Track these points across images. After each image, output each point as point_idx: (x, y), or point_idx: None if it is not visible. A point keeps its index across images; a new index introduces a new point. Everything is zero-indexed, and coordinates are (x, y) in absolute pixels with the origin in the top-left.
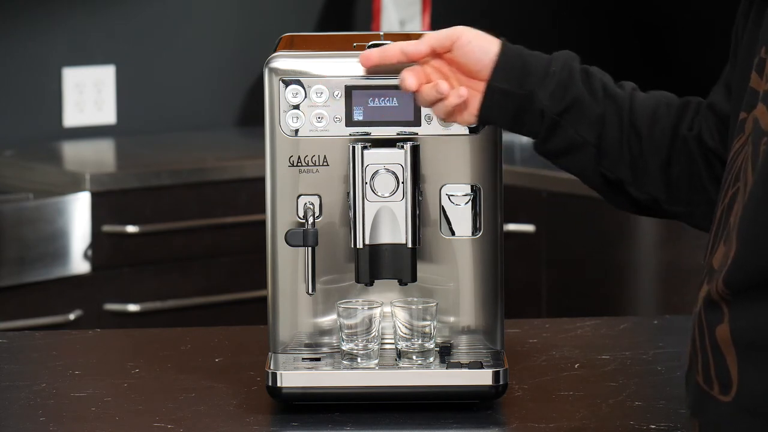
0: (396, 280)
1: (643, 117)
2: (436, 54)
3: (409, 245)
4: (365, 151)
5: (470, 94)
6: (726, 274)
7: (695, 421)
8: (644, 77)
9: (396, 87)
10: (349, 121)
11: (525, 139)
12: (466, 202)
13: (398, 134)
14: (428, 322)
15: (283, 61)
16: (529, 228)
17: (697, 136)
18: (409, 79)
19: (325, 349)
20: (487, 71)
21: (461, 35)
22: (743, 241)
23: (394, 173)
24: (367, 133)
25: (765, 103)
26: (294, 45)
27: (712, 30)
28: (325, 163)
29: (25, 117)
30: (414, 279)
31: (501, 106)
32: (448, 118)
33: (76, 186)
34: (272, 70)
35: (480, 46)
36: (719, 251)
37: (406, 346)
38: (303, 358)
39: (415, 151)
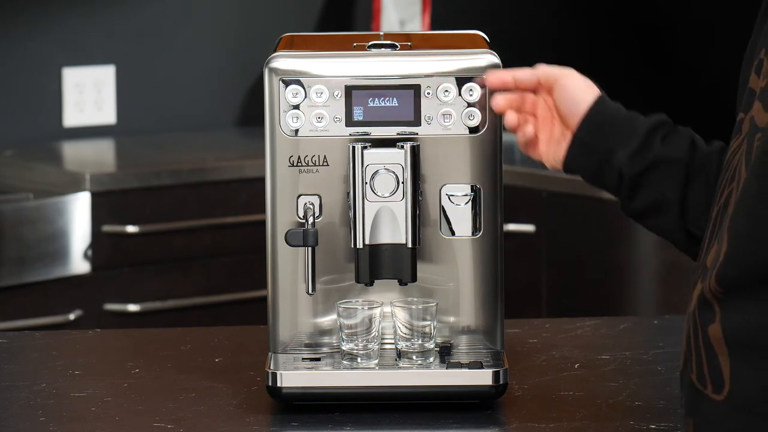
0: (396, 280)
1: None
2: (541, 85)
3: (409, 245)
4: (365, 151)
5: (562, 139)
6: (718, 271)
7: (690, 420)
8: (644, 77)
9: (396, 87)
10: (349, 121)
11: None
12: (466, 202)
13: (398, 134)
14: (428, 322)
15: (283, 61)
16: (529, 228)
17: None
18: (499, 99)
19: (325, 349)
20: (576, 121)
21: (564, 78)
22: (735, 236)
23: (394, 173)
24: (367, 133)
25: (761, 101)
26: (294, 45)
27: (712, 30)
28: (325, 163)
29: (25, 117)
30: (414, 279)
31: (583, 159)
32: (529, 151)
33: (76, 186)
34: (272, 70)
35: (575, 96)
36: (713, 250)
37: (406, 346)
38: (303, 358)
39: (415, 151)
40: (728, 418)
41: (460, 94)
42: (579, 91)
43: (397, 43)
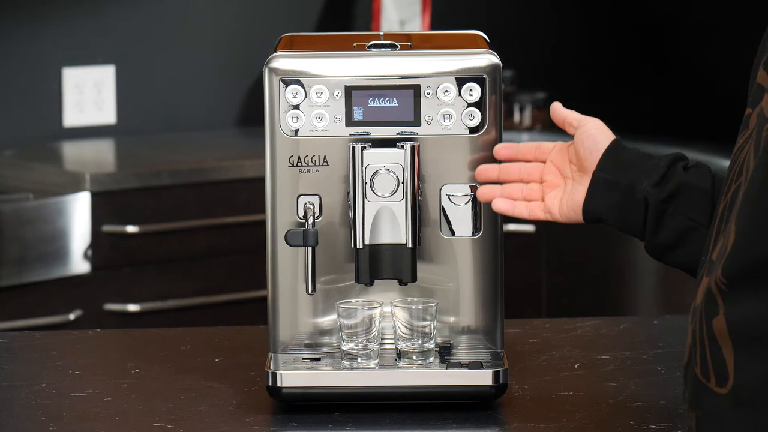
0: (396, 280)
1: None
2: (541, 152)
3: (409, 245)
4: (365, 151)
5: (578, 186)
6: (725, 262)
7: (693, 414)
8: (644, 77)
9: (395, 87)
10: (349, 121)
11: (525, 139)
12: (466, 202)
13: (398, 134)
14: (428, 322)
15: (283, 61)
16: (529, 228)
17: None
18: (484, 190)
19: (325, 349)
20: (595, 160)
21: (588, 121)
22: (742, 227)
23: (394, 173)
24: (367, 133)
25: None
26: (294, 45)
27: (712, 30)
28: (325, 163)
29: (25, 117)
30: (414, 279)
31: (605, 197)
32: (537, 214)
33: (76, 186)
34: (272, 70)
35: (595, 136)
36: (720, 244)
37: (406, 346)
38: (303, 358)
39: (415, 151)
40: (732, 411)
41: (460, 94)
42: (599, 132)
43: (397, 43)
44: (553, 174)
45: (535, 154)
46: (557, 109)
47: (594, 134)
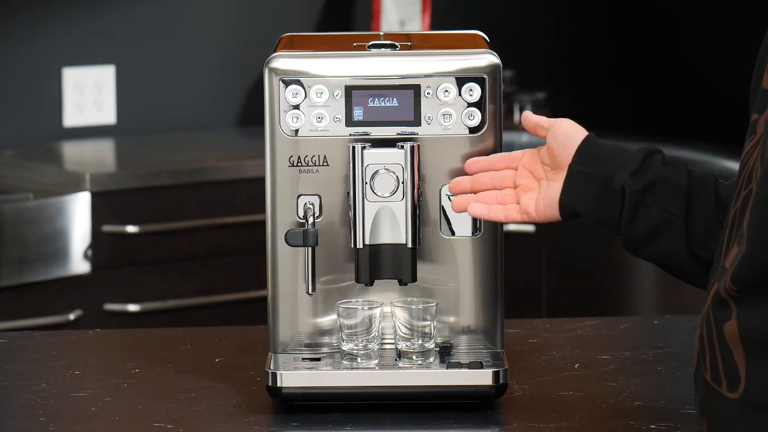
0: (396, 280)
1: (729, 196)
2: (512, 160)
3: (409, 245)
4: (365, 151)
5: (554, 183)
6: (735, 270)
7: (704, 419)
8: (644, 77)
9: (395, 87)
10: (349, 121)
11: (525, 139)
12: None
13: (398, 134)
14: (428, 322)
15: (283, 61)
16: (529, 228)
17: None
18: (458, 201)
19: (325, 349)
20: (569, 154)
21: (559, 121)
22: (754, 236)
23: (394, 173)
24: (367, 133)
25: None
26: (294, 45)
27: (712, 30)
28: (325, 163)
29: (25, 117)
30: (414, 279)
31: (582, 189)
32: (514, 216)
33: (76, 186)
34: (272, 70)
35: (569, 131)
36: (733, 251)
37: (406, 346)
38: (303, 358)
39: (415, 151)
40: (743, 415)
41: (460, 94)
42: (572, 128)
43: (397, 43)
44: (525, 177)
45: (506, 163)
46: (528, 117)
47: (567, 130)
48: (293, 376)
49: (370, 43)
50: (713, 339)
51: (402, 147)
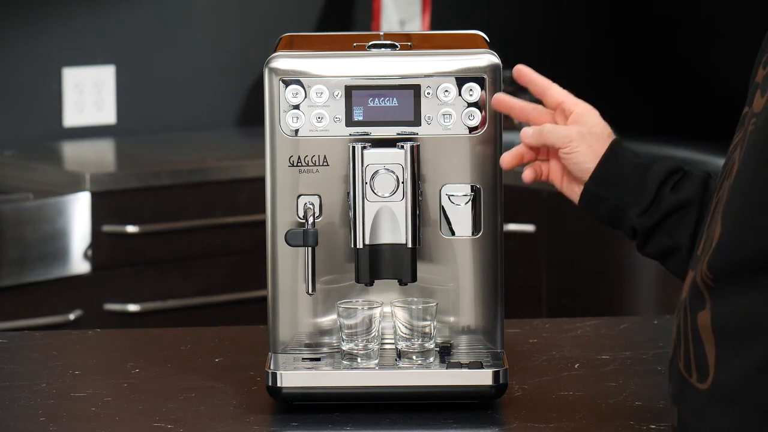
0: (396, 280)
1: None
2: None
3: (409, 245)
4: (365, 151)
5: (571, 188)
6: (711, 256)
7: (675, 408)
8: (644, 77)
9: (395, 87)
10: (349, 121)
11: None
12: (466, 202)
13: (398, 134)
14: (428, 322)
15: (283, 61)
16: (529, 228)
17: None
18: (507, 157)
19: (325, 349)
20: (588, 175)
21: (574, 142)
22: (729, 221)
23: (394, 173)
24: (367, 133)
25: (762, 89)
26: (294, 45)
27: (712, 30)
28: (325, 163)
29: (25, 117)
30: (414, 279)
31: (596, 207)
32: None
33: (76, 186)
34: (272, 70)
35: (582, 163)
36: (703, 239)
37: (406, 346)
38: (303, 358)
39: (415, 151)
40: (710, 407)
41: (460, 94)
42: (589, 153)
43: (397, 43)
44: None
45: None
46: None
47: (581, 161)
48: (293, 376)
49: (370, 43)
50: (688, 329)
51: (402, 147)
